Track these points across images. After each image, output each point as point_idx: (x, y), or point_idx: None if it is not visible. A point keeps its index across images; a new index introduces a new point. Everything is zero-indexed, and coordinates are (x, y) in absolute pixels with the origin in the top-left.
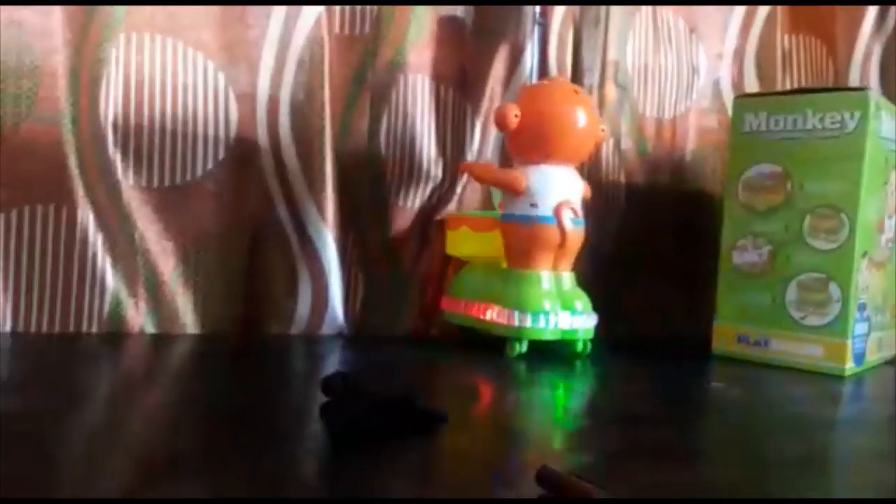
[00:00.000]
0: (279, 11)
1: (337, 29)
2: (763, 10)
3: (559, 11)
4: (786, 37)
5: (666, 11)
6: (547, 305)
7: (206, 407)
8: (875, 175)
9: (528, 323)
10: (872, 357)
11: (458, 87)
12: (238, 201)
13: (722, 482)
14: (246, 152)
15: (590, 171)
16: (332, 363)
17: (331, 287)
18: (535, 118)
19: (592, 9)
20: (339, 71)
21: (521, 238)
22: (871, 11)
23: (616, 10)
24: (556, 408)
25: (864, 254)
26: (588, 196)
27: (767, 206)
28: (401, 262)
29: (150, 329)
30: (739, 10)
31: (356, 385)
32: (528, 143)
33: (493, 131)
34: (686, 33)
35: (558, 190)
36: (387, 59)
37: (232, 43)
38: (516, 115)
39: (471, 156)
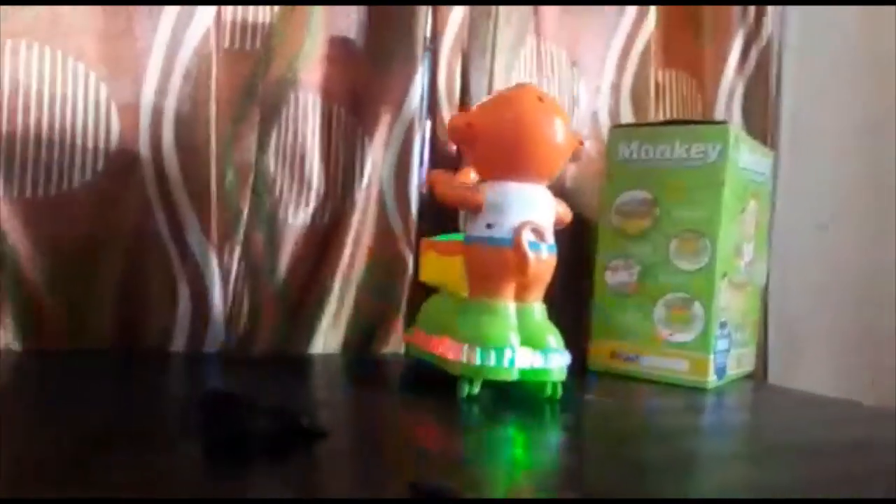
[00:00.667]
0: (166, 24)
1: (227, 44)
2: (639, 47)
3: (448, 39)
4: (659, 72)
5: (549, 44)
6: (505, 340)
7: (75, 424)
8: (734, 202)
9: (479, 360)
10: (733, 371)
11: (350, 106)
12: (116, 213)
13: (601, 483)
14: (126, 164)
15: None
16: (213, 380)
17: (212, 303)
18: (492, 127)
19: (480, 38)
20: (228, 84)
21: (479, 262)
22: (735, 51)
23: (502, 41)
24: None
25: (724, 275)
26: (566, 219)
27: (638, 229)
28: (289, 279)
29: (17, 346)
30: (616, 46)
31: (233, 401)
32: (485, 156)
33: (390, 152)
34: (568, 66)
35: (519, 209)
36: (277, 75)
37: (116, 54)
38: (468, 125)
39: (362, 176)
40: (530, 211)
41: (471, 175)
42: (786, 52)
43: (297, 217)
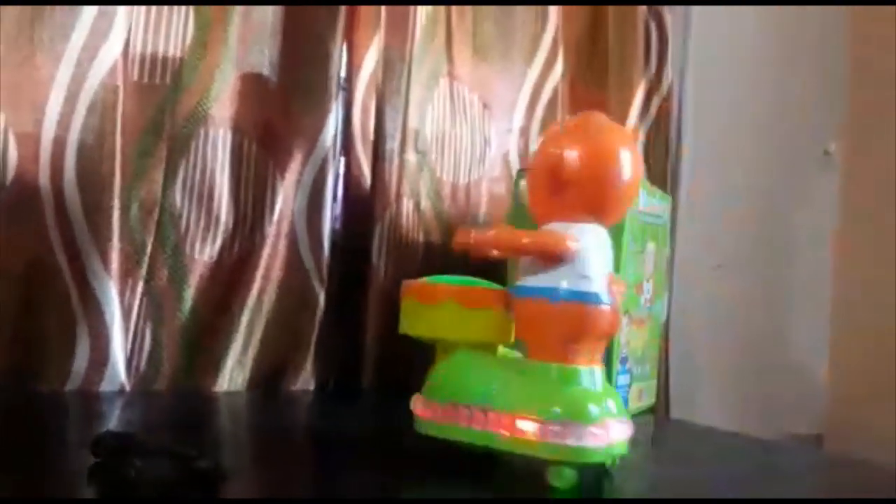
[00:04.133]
0: (71, 54)
1: (136, 77)
2: (546, 94)
3: (363, 79)
4: (567, 117)
5: (462, 87)
6: (597, 412)
7: None
8: (633, 244)
9: (582, 440)
10: (634, 405)
11: (261, 141)
12: (11, 248)
13: None
14: (25, 196)
15: (390, 229)
16: (111, 420)
17: (112, 341)
18: (596, 161)
19: (395, 79)
20: (135, 119)
21: (573, 322)
22: (638, 101)
23: (416, 82)
24: None
25: (625, 312)
26: None
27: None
28: (195, 315)
29: None
30: (526, 92)
31: (129, 443)
32: (581, 193)
33: (302, 188)
34: (480, 109)
35: (607, 259)
36: (188, 110)
37: (16, 83)
38: (575, 159)
39: (272, 211)
40: (610, 261)
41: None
42: (685, 103)
43: (204, 252)
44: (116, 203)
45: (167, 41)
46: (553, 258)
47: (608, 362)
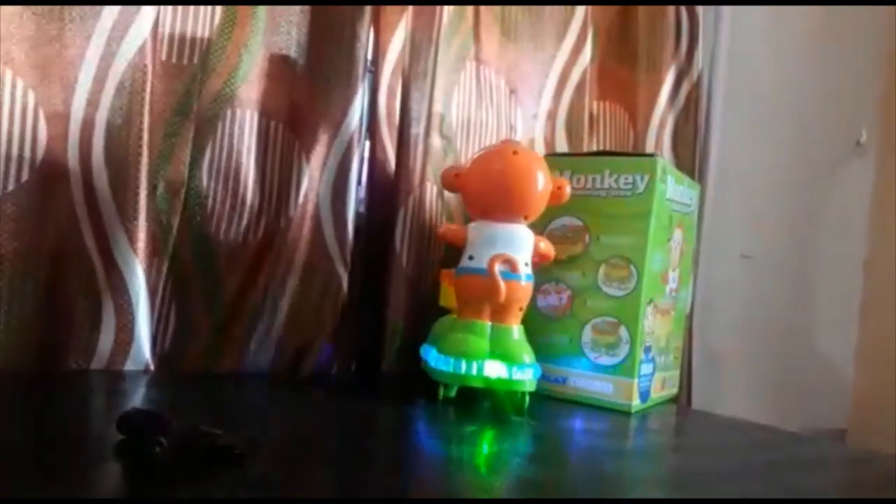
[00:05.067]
0: (101, 33)
1: (164, 57)
2: (575, 78)
3: (390, 62)
4: (595, 103)
5: (489, 72)
6: (479, 353)
7: None
8: (660, 231)
9: (455, 368)
10: (656, 395)
11: (288, 123)
12: (40, 226)
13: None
14: (53, 175)
15: (413, 214)
16: (136, 399)
17: (137, 321)
18: (473, 178)
19: (421, 62)
20: (163, 99)
21: (461, 288)
22: (667, 87)
23: (442, 66)
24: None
25: (650, 301)
26: (550, 255)
27: (568, 255)
28: (220, 296)
29: None
30: (553, 77)
31: (154, 421)
32: (470, 201)
33: (327, 170)
34: (506, 94)
35: (494, 244)
36: (214, 91)
37: (45, 61)
38: (456, 176)
39: (298, 194)
40: (505, 246)
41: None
42: (715, 91)
43: (230, 233)
44: (144, 183)
45: (195, 21)
46: (458, 245)
47: (631, 352)
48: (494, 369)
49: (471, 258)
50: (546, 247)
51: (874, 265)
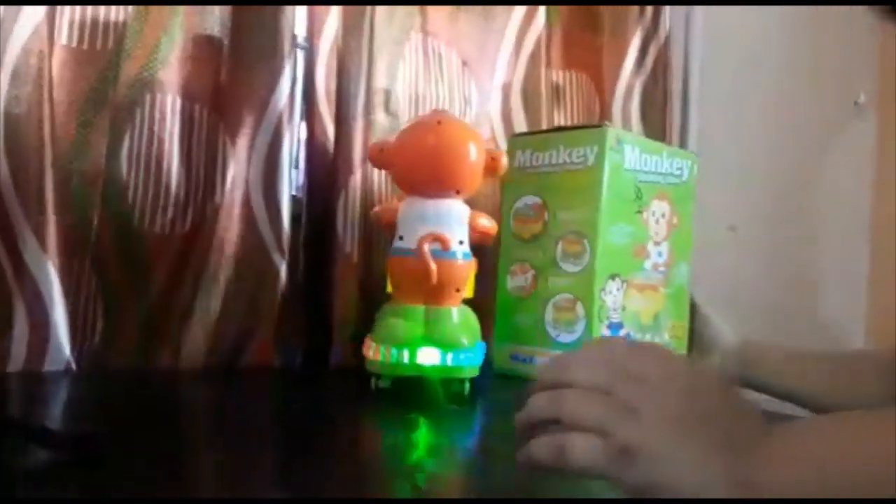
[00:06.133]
0: None
1: (73, 42)
2: (528, 48)
3: (327, 38)
4: (558, 73)
5: (437, 43)
6: (410, 339)
7: None
8: (621, 204)
9: (386, 357)
10: None
11: (212, 106)
12: None
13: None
14: None
15: (357, 196)
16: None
17: (53, 320)
18: (398, 152)
19: (355, 36)
20: (74, 86)
21: (393, 272)
22: (633, 51)
23: (383, 40)
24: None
25: (615, 276)
26: (491, 231)
27: (531, 233)
28: (148, 291)
29: None
30: (507, 47)
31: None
32: (398, 177)
33: (256, 154)
34: (458, 66)
35: (424, 222)
36: (132, 76)
37: None
38: (380, 151)
39: (224, 180)
40: (436, 223)
41: None
42: (691, 53)
43: (154, 225)
44: (49, 175)
45: (108, 6)
46: (384, 227)
47: (588, 327)
48: (428, 356)
49: (401, 238)
50: (486, 223)
51: (881, 230)
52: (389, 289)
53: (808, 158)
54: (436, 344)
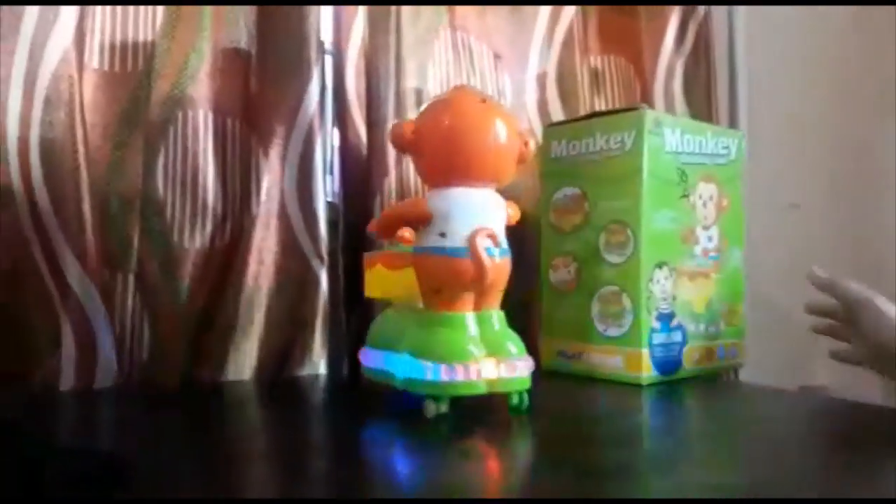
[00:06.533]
0: (23, 47)
1: (105, 66)
2: (561, 35)
3: (354, 43)
4: (595, 58)
5: (467, 37)
6: (470, 353)
7: None
8: (664, 188)
9: (445, 376)
10: (697, 366)
11: (244, 118)
12: None
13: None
14: (0, 199)
15: (393, 199)
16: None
17: (99, 339)
18: (435, 133)
19: (382, 37)
20: (107, 109)
21: (433, 273)
22: (672, 30)
23: (410, 40)
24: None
25: (663, 265)
26: (515, 219)
27: (571, 225)
28: (191, 306)
29: None
30: (539, 37)
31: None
32: (431, 163)
33: (289, 163)
34: (490, 59)
35: (471, 215)
36: (163, 95)
37: None
38: (414, 132)
39: (259, 191)
40: (483, 217)
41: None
42: (736, 31)
43: (194, 239)
44: (87, 197)
45: (136, 27)
46: (417, 220)
47: (636, 319)
48: (491, 369)
49: (442, 235)
50: (514, 212)
51: None
52: (372, 293)
53: (869, 126)
54: (493, 354)
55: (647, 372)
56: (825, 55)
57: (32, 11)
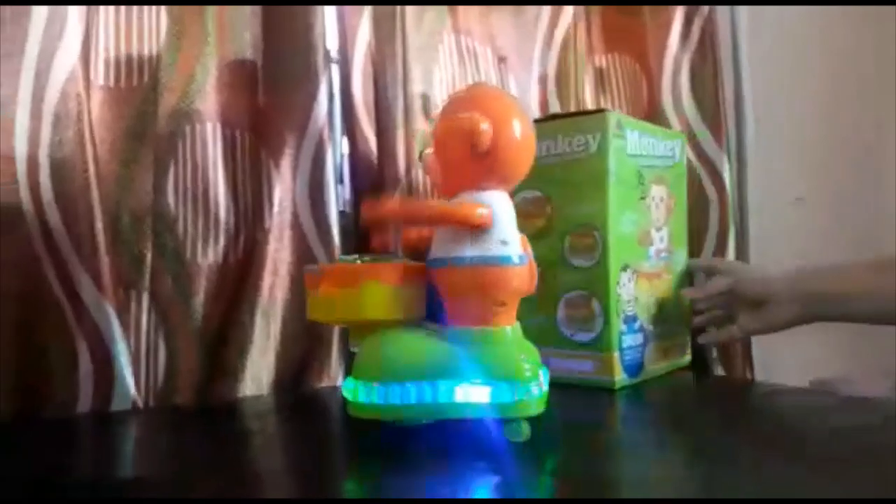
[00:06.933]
0: (28, 67)
1: (111, 82)
2: (562, 36)
3: (360, 50)
4: (601, 57)
5: (471, 41)
6: (539, 367)
7: None
8: (627, 191)
9: (520, 395)
10: (657, 365)
11: (253, 130)
12: (5, 271)
13: None
14: (9, 220)
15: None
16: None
17: (115, 358)
18: (511, 137)
19: (387, 43)
20: (114, 125)
21: (500, 286)
22: (677, 26)
23: (415, 45)
24: None
25: (626, 267)
26: None
27: (534, 229)
28: (207, 321)
29: None
30: (542, 38)
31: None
32: (493, 166)
33: (300, 173)
34: (495, 63)
35: (513, 221)
36: (170, 109)
37: None
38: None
39: (272, 203)
40: (515, 223)
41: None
42: (738, 25)
43: (207, 255)
44: (99, 215)
45: (140, 41)
46: (472, 227)
47: (606, 323)
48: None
49: (504, 243)
50: None
51: None
52: (315, 315)
53: (874, 120)
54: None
55: (619, 375)
56: (831, 47)
57: (37, 30)
